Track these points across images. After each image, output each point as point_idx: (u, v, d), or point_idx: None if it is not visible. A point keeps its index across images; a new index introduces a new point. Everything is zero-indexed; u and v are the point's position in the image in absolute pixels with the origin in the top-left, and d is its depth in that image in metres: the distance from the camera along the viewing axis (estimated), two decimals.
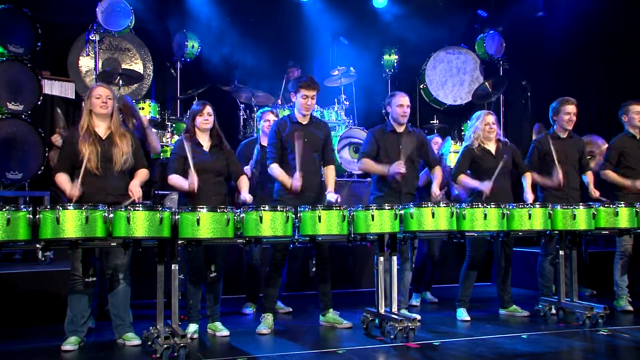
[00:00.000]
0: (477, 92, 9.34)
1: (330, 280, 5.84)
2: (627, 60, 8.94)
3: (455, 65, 10.59)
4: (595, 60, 9.21)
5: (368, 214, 4.89)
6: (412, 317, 5.03)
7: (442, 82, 10.56)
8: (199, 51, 9.19)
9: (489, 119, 6.10)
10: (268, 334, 5.42)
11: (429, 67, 10.53)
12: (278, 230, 4.68)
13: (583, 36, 9.30)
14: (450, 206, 5.07)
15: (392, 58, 10.18)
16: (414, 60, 10.54)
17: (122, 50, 9.13)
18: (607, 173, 6.57)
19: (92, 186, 4.84)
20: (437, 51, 10.57)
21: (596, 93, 9.65)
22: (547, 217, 5.36)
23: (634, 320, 6.08)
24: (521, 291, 7.28)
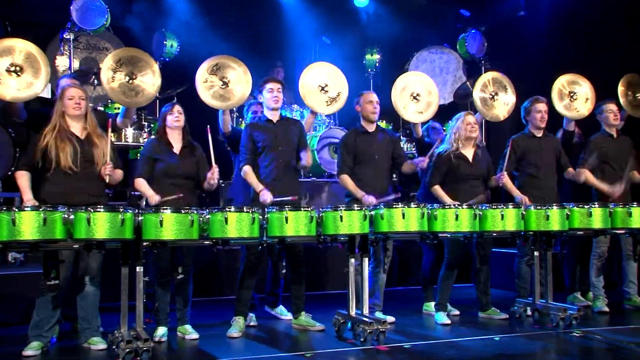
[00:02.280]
0: (458, 92, 9.24)
1: (304, 282, 5.77)
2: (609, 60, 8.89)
3: (438, 65, 10.48)
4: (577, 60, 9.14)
5: (337, 215, 4.82)
6: (382, 320, 4.96)
7: None
8: (177, 50, 9.08)
9: (470, 118, 6.04)
10: (239, 337, 5.34)
11: (411, 66, 10.40)
12: (244, 231, 4.61)
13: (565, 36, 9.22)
14: (421, 207, 5.00)
15: (374, 57, 10.08)
16: (396, 60, 10.44)
17: (100, 49, 9.02)
18: (585, 173, 6.52)
19: (71, 187, 4.77)
20: (420, 51, 10.44)
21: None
22: (519, 217, 5.29)
23: (610, 321, 6.05)
24: (502, 293, 7.20)
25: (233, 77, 5.77)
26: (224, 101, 5.72)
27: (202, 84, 5.66)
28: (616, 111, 6.64)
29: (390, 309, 6.24)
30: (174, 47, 9.06)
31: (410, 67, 10.37)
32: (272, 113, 5.67)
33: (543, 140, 6.37)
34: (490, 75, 6.71)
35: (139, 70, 5.40)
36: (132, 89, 5.37)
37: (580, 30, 9.01)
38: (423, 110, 6.41)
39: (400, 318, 6.06)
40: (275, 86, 5.63)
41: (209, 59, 5.77)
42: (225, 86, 5.71)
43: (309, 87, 6.09)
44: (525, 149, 6.29)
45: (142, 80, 5.41)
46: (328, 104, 6.13)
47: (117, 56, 5.39)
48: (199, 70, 5.72)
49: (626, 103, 6.92)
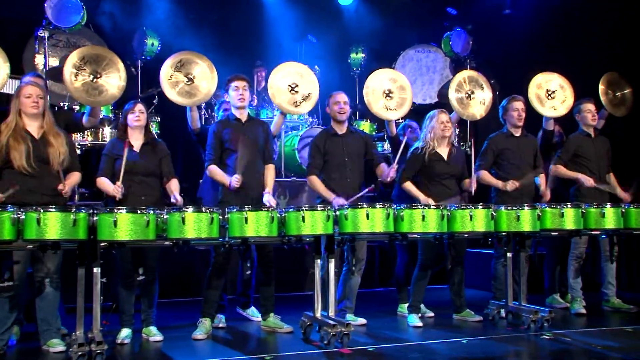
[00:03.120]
0: (442, 91, 9.15)
1: (273, 284, 5.69)
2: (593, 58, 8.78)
3: (425, 64, 10.40)
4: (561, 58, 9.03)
5: (299, 215, 4.74)
6: (346, 322, 4.86)
7: (411, 80, 10.20)
8: (159, 49, 8.99)
9: (444, 117, 5.95)
10: (203, 339, 5.25)
11: (398, 65, 10.31)
12: (203, 232, 4.53)
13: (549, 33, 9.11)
14: (386, 207, 4.91)
15: (359, 57, 9.98)
16: (383, 59, 10.32)
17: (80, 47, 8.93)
18: (558, 168, 6.44)
19: (24, 186, 4.67)
20: (407, 49, 10.36)
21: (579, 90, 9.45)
22: (489, 218, 5.20)
23: (586, 323, 5.96)
24: (483, 294, 7.10)
25: (198, 73, 5.68)
26: (190, 98, 5.64)
27: (167, 81, 5.58)
28: (594, 111, 6.55)
29: (366, 311, 6.18)
30: (155, 45, 8.97)
31: (396, 66, 10.29)
32: (239, 112, 5.59)
33: (521, 139, 6.27)
34: (465, 74, 6.63)
35: (103, 70, 5.32)
36: (96, 88, 5.29)
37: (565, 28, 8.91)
38: (397, 107, 6.31)
39: (374, 320, 5.98)
40: (241, 84, 5.55)
41: (173, 56, 5.69)
42: (191, 82, 5.63)
43: (279, 87, 5.99)
44: (503, 149, 6.20)
45: (106, 80, 5.33)
46: (297, 105, 6.03)
47: (82, 54, 5.31)
48: (163, 67, 5.64)
49: (606, 101, 6.83)
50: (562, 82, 6.64)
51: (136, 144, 5.25)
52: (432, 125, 5.89)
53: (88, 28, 8.95)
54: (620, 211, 5.59)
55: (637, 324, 5.78)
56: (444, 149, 5.91)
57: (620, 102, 6.92)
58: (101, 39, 9.08)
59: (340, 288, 5.89)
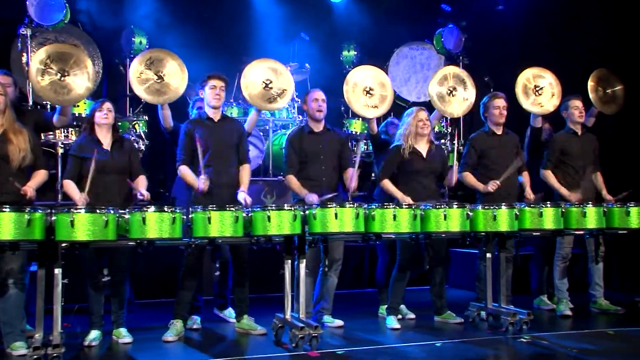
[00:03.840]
0: None
1: (248, 285, 5.59)
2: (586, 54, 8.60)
3: (419, 61, 10.24)
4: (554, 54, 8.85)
5: (264, 215, 4.63)
6: (314, 325, 4.75)
7: (405, 78, 10.21)
8: (147, 47, 8.90)
9: (422, 115, 5.82)
10: (174, 341, 5.16)
11: (392, 63, 10.17)
12: (165, 231, 4.42)
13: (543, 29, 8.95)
14: (355, 207, 4.79)
15: (351, 54, 9.84)
16: (376, 56, 10.18)
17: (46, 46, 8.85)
18: (547, 174, 6.28)
19: None
20: (401, 47, 10.20)
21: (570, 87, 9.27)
22: (464, 218, 5.06)
23: (570, 325, 5.84)
24: (468, 294, 6.96)
25: (168, 70, 5.58)
26: (160, 96, 5.54)
27: (136, 79, 5.48)
28: (581, 108, 6.39)
29: (349, 312, 6.11)
30: (142, 43, 8.86)
31: (390, 64, 10.16)
32: (213, 111, 5.50)
33: (503, 138, 6.13)
34: (451, 69, 6.46)
35: (70, 68, 5.23)
36: (64, 86, 5.20)
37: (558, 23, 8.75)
38: (377, 104, 6.17)
39: (353, 322, 5.86)
40: (219, 84, 5.47)
41: (143, 53, 5.59)
42: (161, 80, 5.53)
43: (252, 84, 5.88)
44: (485, 148, 6.06)
45: (73, 79, 5.24)
46: (271, 101, 5.91)
47: (48, 52, 5.23)
48: (132, 64, 5.55)
49: (596, 99, 6.66)
50: (552, 80, 6.46)
51: (105, 142, 5.17)
52: (409, 123, 5.77)
53: (77, 26, 8.91)
54: (602, 210, 5.44)
55: (621, 326, 5.66)
56: (422, 146, 5.79)
57: (611, 99, 6.75)
58: (90, 38, 9.01)
59: (317, 289, 5.79)
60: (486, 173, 6.01)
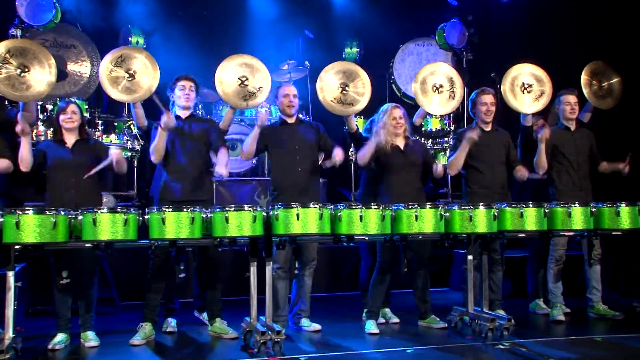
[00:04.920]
0: None
1: (220, 287, 5.45)
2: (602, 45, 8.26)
3: (425, 58, 9.94)
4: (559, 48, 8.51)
5: (222, 216, 4.47)
6: (277, 329, 4.57)
7: (411, 75, 9.84)
8: (144, 47, 8.82)
9: (396, 112, 5.60)
10: (140, 344, 5.03)
11: (397, 60, 9.93)
12: (118, 233, 4.30)
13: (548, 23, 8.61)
14: (319, 207, 4.59)
15: (354, 51, 9.67)
16: (380, 53, 10.00)
17: (68, 47, 8.84)
18: None
19: None
20: (406, 43, 9.95)
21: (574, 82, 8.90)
22: (438, 218, 4.82)
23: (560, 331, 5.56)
24: None
25: (139, 68, 5.45)
26: (131, 94, 5.41)
27: (106, 77, 5.36)
28: (574, 103, 6.06)
29: (332, 316, 5.98)
30: (140, 43, 8.81)
31: (396, 60, 9.93)
32: (183, 112, 5.40)
33: (492, 134, 5.87)
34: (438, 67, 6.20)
35: (31, 64, 5.13)
36: (23, 82, 5.10)
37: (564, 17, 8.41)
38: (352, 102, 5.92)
39: (333, 326, 5.68)
40: (188, 84, 5.39)
41: (113, 51, 5.48)
42: (132, 78, 5.39)
43: (227, 81, 5.71)
44: None
45: (33, 75, 5.14)
46: (247, 98, 5.74)
47: (7, 47, 5.12)
48: (102, 62, 5.43)
49: (590, 94, 6.35)
50: (540, 75, 6.17)
51: (69, 142, 5.10)
52: (383, 120, 5.56)
53: (75, 27, 8.89)
54: (589, 211, 5.14)
55: (615, 333, 5.37)
56: (399, 141, 5.59)
57: (607, 93, 6.41)
58: (88, 38, 8.97)
59: (294, 292, 5.62)
60: (472, 171, 5.77)
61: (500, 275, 5.88)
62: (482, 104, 5.81)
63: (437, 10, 9.85)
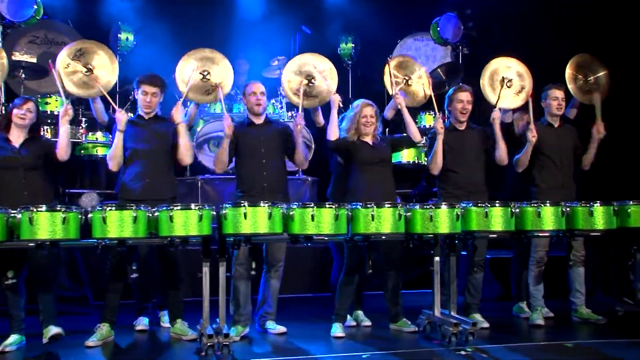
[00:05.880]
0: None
1: (180, 287, 5.33)
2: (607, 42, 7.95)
3: (424, 53, 9.74)
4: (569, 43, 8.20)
5: (167, 215, 4.33)
6: (225, 333, 4.42)
7: None
8: (134, 44, 8.75)
9: (367, 111, 5.40)
10: (96, 346, 4.91)
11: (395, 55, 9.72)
12: (57, 232, 4.18)
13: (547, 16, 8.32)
14: (268, 206, 4.43)
15: (349, 47, 9.45)
16: (378, 49, 9.75)
17: (59, 44, 8.78)
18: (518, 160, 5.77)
19: None
20: (404, 38, 9.75)
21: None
22: (396, 218, 4.61)
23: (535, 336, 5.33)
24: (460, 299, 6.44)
25: (98, 63, 5.34)
26: (89, 89, 5.30)
27: (63, 70, 5.25)
28: (561, 99, 5.81)
29: (304, 317, 5.87)
30: (129, 40, 8.73)
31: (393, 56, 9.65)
32: (146, 114, 5.29)
33: (466, 133, 5.65)
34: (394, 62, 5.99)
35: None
36: None
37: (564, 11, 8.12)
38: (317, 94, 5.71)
39: (301, 328, 5.54)
40: (151, 90, 5.23)
41: (72, 43, 5.38)
42: (90, 73, 5.29)
43: (189, 75, 5.56)
44: (445, 143, 5.58)
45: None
46: (209, 93, 5.59)
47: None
48: (59, 55, 5.32)
49: (575, 89, 6.10)
50: (520, 70, 5.94)
51: (18, 140, 4.96)
52: (350, 118, 5.38)
53: (67, 23, 8.85)
54: (560, 210, 4.89)
55: (592, 338, 5.18)
56: (368, 138, 5.42)
57: (594, 87, 6.14)
58: (79, 35, 8.90)
59: (260, 293, 5.47)
60: (446, 172, 5.57)
61: (480, 278, 5.67)
62: (459, 101, 5.59)
63: (435, 3, 9.60)
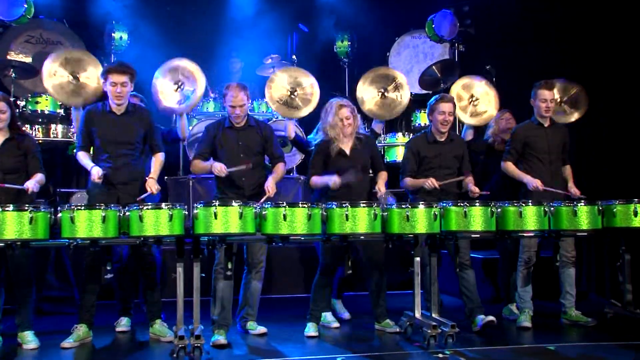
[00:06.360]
0: (424, 79, 8.26)
1: (158, 288, 5.28)
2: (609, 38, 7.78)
3: (422, 51, 9.63)
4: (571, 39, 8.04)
5: (136, 214, 4.28)
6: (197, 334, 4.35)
7: (407, 69, 9.56)
8: (128, 43, 8.71)
9: (344, 112, 5.27)
10: (72, 347, 4.85)
11: (392, 53, 9.61)
12: (24, 232, 4.14)
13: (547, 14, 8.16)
14: (239, 205, 4.36)
15: (345, 44, 9.37)
16: (375, 46, 9.70)
17: (54, 44, 8.77)
18: (508, 166, 5.66)
19: None
20: (402, 35, 9.63)
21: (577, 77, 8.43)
22: (371, 218, 4.52)
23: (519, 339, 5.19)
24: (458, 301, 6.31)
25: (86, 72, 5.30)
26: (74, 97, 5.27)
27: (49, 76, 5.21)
28: (549, 100, 5.64)
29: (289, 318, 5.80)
30: (123, 39, 8.66)
31: (391, 54, 9.64)
32: (117, 108, 5.11)
33: (445, 145, 5.52)
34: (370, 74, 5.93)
35: None
36: None
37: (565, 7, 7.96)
38: None
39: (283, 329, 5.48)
40: (120, 79, 4.97)
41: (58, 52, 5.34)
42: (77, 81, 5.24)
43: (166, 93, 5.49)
44: (424, 154, 5.49)
45: None
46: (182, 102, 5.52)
47: None
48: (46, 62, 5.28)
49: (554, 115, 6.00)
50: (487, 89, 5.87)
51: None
52: (328, 121, 5.27)
53: (63, 23, 8.83)
54: (542, 210, 4.78)
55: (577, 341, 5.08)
56: (346, 143, 5.31)
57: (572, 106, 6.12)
58: (75, 34, 8.91)
59: (241, 294, 5.40)
60: None
61: (470, 277, 5.42)
62: (440, 112, 5.44)
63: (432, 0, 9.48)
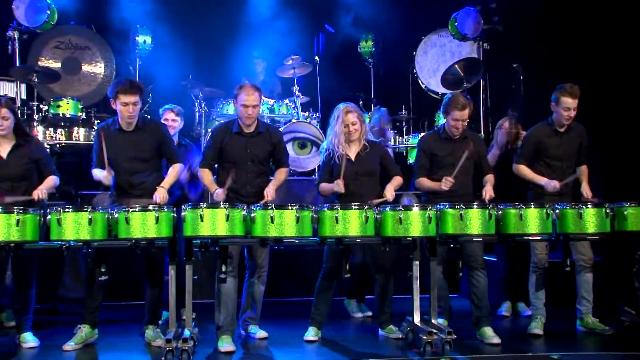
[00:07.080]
0: (447, 78, 8.08)
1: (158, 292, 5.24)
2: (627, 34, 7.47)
3: (449, 49, 9.40)
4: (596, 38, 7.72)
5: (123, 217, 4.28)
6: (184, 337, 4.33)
7: (433, 69, 9.40)
8: (152, 46, 8.80)
9: (349, 118, 5.15)
10: (73, 350, 4.86)
11: (419, 52, 9.43)
12: (12, 234, 4.17)
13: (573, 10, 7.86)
14: (227, 207, 4.31)
15: (369, 44, 9.26)
16: (401, 46, 9.54)
17: (82, 48, 8.94)
18: (521, 168, 5.45)
19: None
20: (429, 34, 9.45)
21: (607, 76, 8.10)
22: (363, 220, 4.41)
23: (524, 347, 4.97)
24: None
25: None
26: None
27: None
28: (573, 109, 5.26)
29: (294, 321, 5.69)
30: (147, 43, 8.79)
31: (417, 53, 9.45)
32: (127, 126, 5.07)
33: (457, 143, 5.32)
34: None
35: None
36: None
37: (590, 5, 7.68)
38: None
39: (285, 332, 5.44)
40: (131, 100, 4.88)
41: None
42: None
43: None
44: (436, 152, 5.33)
45: None
46: None
47: None
48: None
49: None
50: None
51: (4, 150, 4.89)
52: (335, 130, 5.17)
53: (90, 28, 8.99)
54: (545, 213, 4.58)
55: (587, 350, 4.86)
56: (352, 149, 5.21)
57: None
58: (102, 39, 9.06)
59: (244, 297, 5.35)
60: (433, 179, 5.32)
61: (481, 284, 5.15)
62: (454, 119, 5.23)
63: None
